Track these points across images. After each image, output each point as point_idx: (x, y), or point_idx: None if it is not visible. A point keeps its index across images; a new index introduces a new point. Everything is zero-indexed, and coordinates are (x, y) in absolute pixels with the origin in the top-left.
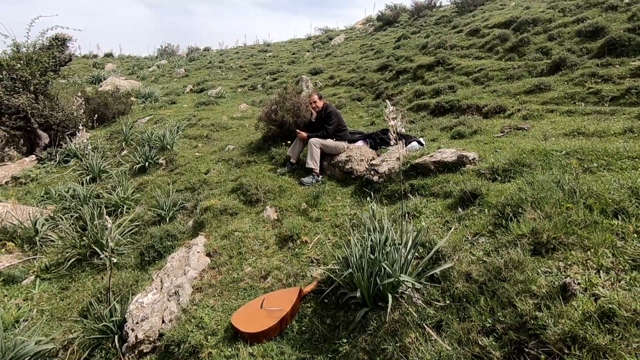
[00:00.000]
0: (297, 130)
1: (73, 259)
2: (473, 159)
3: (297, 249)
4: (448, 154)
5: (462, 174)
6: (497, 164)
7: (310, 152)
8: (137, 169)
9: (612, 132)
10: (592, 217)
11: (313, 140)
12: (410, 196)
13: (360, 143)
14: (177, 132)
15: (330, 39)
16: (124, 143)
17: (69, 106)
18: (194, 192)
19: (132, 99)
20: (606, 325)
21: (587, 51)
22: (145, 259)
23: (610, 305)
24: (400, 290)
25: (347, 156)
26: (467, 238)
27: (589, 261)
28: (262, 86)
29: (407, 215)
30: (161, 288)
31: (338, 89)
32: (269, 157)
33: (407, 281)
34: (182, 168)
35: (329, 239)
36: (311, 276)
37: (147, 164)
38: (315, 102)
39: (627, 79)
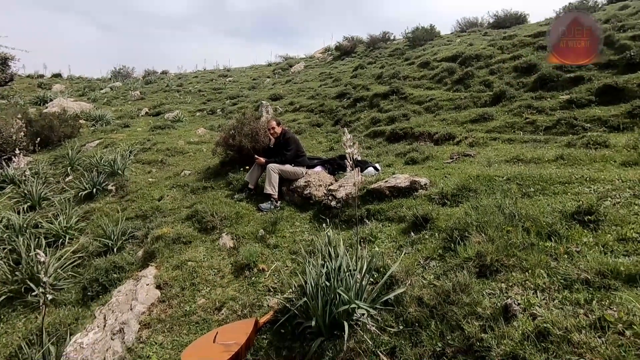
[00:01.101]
0: (256, 156)
1: (3, 297)
2: (425, 185)
3: (253, 278)
4: (402, 179)
5: (414, 199)
6: (447, 189)
7: (268, 178)
8: (83, 196)
9: (547, 159)
10: (530, 239)
11: (271, 165)
12: (367, 221)
13: (318, 168)
14: (130, 156)
15: (291, 66)
16: (69, 168)
17: (7, 128)
18: (146, 220)
19: (81, 121)
20: (542, 344)
21: (523, 85)
22: (88, 293)
23: (545, 325)
24: (355, 317)
25: (305, 181)
26: (419, 262)
27: (527, 282)
28: (221, 111)
29: (362, 240)
30: (104, 326)
31: (298, 115)
32: (227, 183)
33: (362, 308)
34: (133, 195)
35: (287, 266)
36: (268, 306)
37: (94, 190)
38: (273, 128)
39: (558, 110)
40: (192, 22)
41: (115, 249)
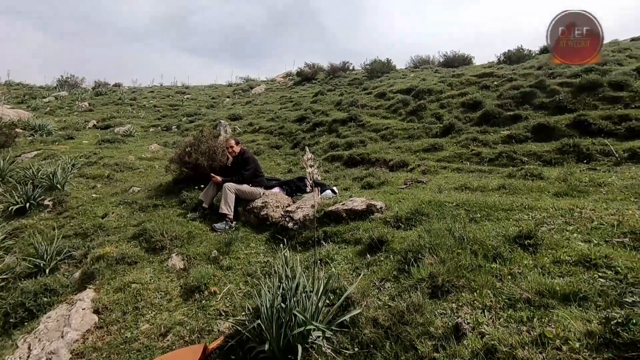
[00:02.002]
0: (212, 174)
1: None
2: (380, 208)
3: (204, 301)
4: (358, 202)
5: (370, 222)
6: (401, 213)
7: (224, 197)
8: (14, 211)
9: (491, 188)
10: (477, 261)
11: (228, 185)
12: (324, 243)
13: (276, 189)
14: (72, 170)
15: (251, 88)
16: None
17: None
18: (86, 238)
19: (18, 130)
20: None
21: (470, 119)
22: (11, 320)
23: (493, 342)
24: (310, 340)
25: (262, 202)
26: (375, 283)
27: (475, 301)
28: (177, 127)
29: (319, 262)
30: (28, 357)
31: (257, 136)
32: (179, 201)
33: (317, 330)
34: (73, 211)
35: (240, 289)
36: (218, 330)
37: (28, 205)
38: (232, 146)
39: (500, 144)
40: (151, 36)
41: (47, 270)
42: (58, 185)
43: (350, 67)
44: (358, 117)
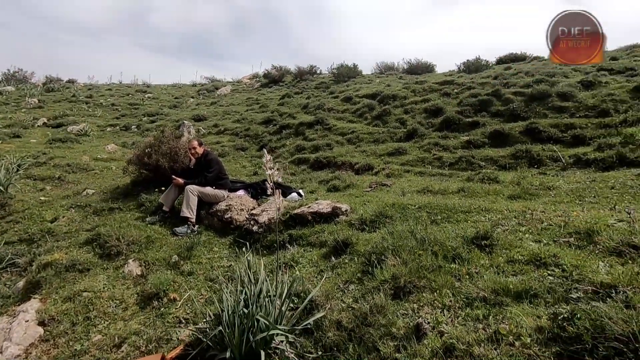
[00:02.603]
0: (173, 176)
1: None
2: (346, 211)
3: (163, 309)
4: (324, 205)
5: (336, 225)
6: (366, 215)
7: (186, 200)
8: None
9: (451, 191)
10: (437, 262)
11: (190, 187)
12: (289, 246)
13: (241, 192)
14: (17, 171)
15: (217, 89)
16: None
17: None
18: (32, 244)
19: None
20: (449, 359)
21: (432, 125)
22: None
23: (451, 341)
24: (273, 345)
25: (226, 205)
26: (339, 286)
27: (435, 301)
28: (137, 127)
29: (284, 265)
30: None
31: (222, 138)
32: (138, 204)
33: (280, 334)
34: (18, 215)
35: (202, 295)
36: (178, 339)
37: None
38: (195, 147)
39: (459, 149)
40: (108, 32)
41: None
42: (1, 187)
43: (318, 71)
44: (325, 121)
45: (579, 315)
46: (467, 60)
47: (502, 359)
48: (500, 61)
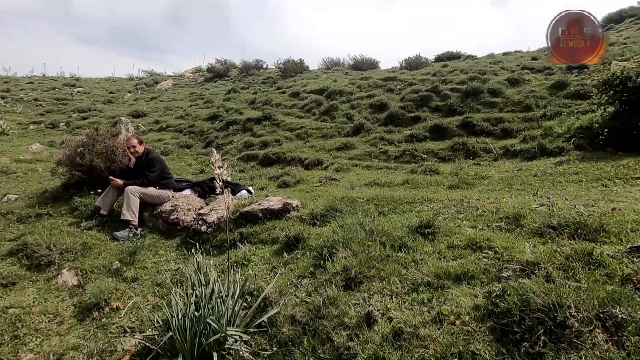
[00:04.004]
0: (111, 177)
1: None
2: (296, 206)
3: (104, 319)
4: (275, 202)
5: (287, 221)
6: (316, 210)
7: (126, 202)
8: None
9: (396, 183)
10: (385, 251)
11: (131, 188)
12: (240, 245)
13: (187, 192)
14: None
15: (157, 83)
16: None
17: None
18: None
19: None
20: (398, 342)
21: (377, 120)
22: None
23: (399, 325)
24: (227, 346)
25: (172, 206)
26: (292, 281)
27: (384, 289)
28: (66, 125)
29: (236, 264)
30: None
31: (164, 135)
32: (71, 209)
33: (234, 335)
34: None
35: (149, 301)
36: (123, 350)
37: None
38: (134, 146)
39: (403, 143)
40: (22, 17)
41: None
42: None
43: (264, 66)
44: (273, 116)
45: (508, 292)
46: (409, 57)
47: (445, 338)
48: (438, 59)
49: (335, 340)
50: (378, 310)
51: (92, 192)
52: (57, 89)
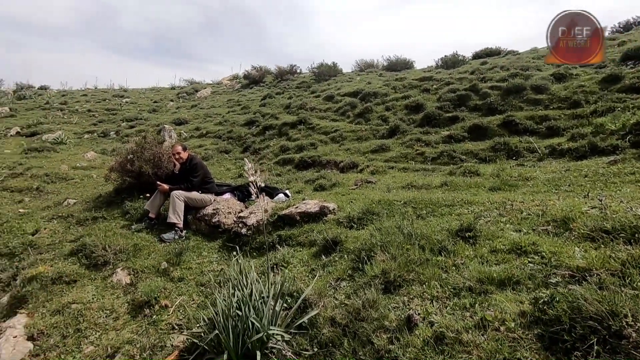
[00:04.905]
0: (158, 183)
1: None
2: (333, 209)
3: (155, 316)
4: (311, 205)
5: (324, 224)
6: (353, 213)
7: (172, 206)
8: None
9: (434, 185)
10: (425, 255)
11: (176, 192)
12: (278, 247)
13: (227, 195)
14: None
15: (197, 91)
16: None
17: None
18: (14, 258)
19: None
20: (440, 347)
21: (413, 121)
22: None
23: (441, 330)
24: (270, 345)
25: (214, 209)
26: (331, 284)
27: (424, 293)
28: (116, 133)
29: (275, 266)
30: None
31: (204, 141)
32: (123, 212)
33: (276, 334)
34: None
35: (194, 300)
36: (172, 345)
37: None
38: (179, 152)
39: (441, 144)
40: (76, 35)
41: None
42: None
43: (298, 71)
44: (307, 120)
45: (557, 299)
46: (445, 55)
47: (489, 344)
48: (476, 56)
49: (375, 342)
50: (418, 314)
51: (141, 197)
52: (107, 100)
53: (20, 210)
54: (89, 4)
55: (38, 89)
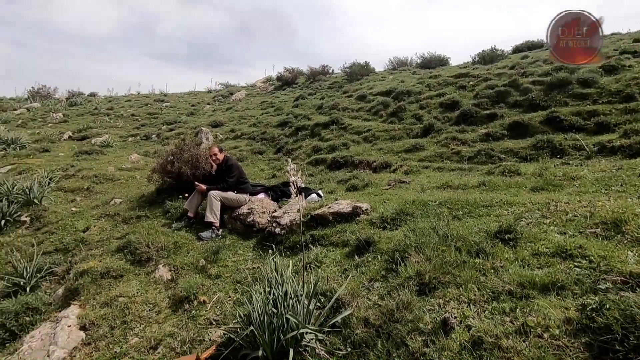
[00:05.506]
0: (196, 183)
1: None
2: (366, 210)
3: (193, 311)
4: (344, 205)
5: (357, 224)
6: (386, 213)
7: (209, 205)
8: None
9: (471, 185)
10: (461, 257)
11: (213, 192)
12: (311, 246)
13: (261, 195)
14: (49, 184)
15: (232, 94)
16: None
17: None
18: (68, 253)
19: None
20: (477, 352)
21: (449, 119)
22: None
23: (479, 334)
24: (303, 343)
25: (248, 209)
26: (364, 284)
27: (461, 296)
28: (157, 136)
29: (308, 265)
30: None
31: (239, 142)
32: (163, 211)
33: (310, 332)
34: (52, 226)
35: (230, 297)
36: (210, 340)
37: (3, 222)
38: (215, 154)
39: (478, 142)
40: (119, 44)
41: (28, 289)
42: (35, 200)
43: (330, 71)
44: (340, 120)
45: (608, 306)
46: (482, 50)
47: (531, 351)
48: (516, 50)
49: (410, 345)
50: (455, 317)
51: (180, 196)
52: (149, 105)
53: (73, 209)
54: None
55: (87, 95)
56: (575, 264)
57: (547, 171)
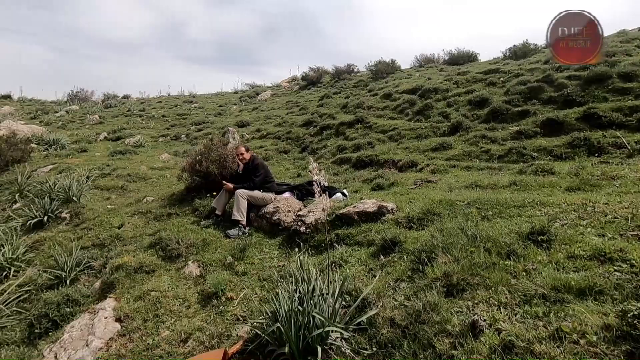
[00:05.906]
0: (223, 182)
1: None
2: (391, 209)
3: (221, 307)
4: (369, 204)
5: (382, 223)
6: (412, 213)
7: (236, 204)
8: (33, 225)
9: (501, 185)
10: (491, 259)
11: (240, 191)
12: (336, 245)
13: (287, 194)
14: (87, 182)
15: (257, 94)
16: (17, 195)
17: None
18: (104, 248)
19: (33, 145)
20: (508, 356)
21: (477, 117)
22: (36, 331)
23: (510, 338)
24: (329, 341)
25: (274, 207)
26: (390, 284)
27: (491, 299)
28: (186, 136)
29: (333, 264)
30: None
31: (265, 142)
32: (193, 209)
33: (335, 331)
34: (90, 222)
35: (257, 294)
36: (237, 335)
37: (46, 218)
38: (242, 154)
39: (509, 141)
40: (150, 47)
41: (68, 281)
42: (74, 198)
43: (355, 69)
44: (365, 119)
45: None
46: (514, 45)
47: (566, 357)
48: None
49: (437, 346)
50: (484, 320)
51: (208, 195)
52: (178, 106)
53: (108, 206)
54: (161, 19)
55: (121, 98)
56: (615, 268)
57: (584, 170)
